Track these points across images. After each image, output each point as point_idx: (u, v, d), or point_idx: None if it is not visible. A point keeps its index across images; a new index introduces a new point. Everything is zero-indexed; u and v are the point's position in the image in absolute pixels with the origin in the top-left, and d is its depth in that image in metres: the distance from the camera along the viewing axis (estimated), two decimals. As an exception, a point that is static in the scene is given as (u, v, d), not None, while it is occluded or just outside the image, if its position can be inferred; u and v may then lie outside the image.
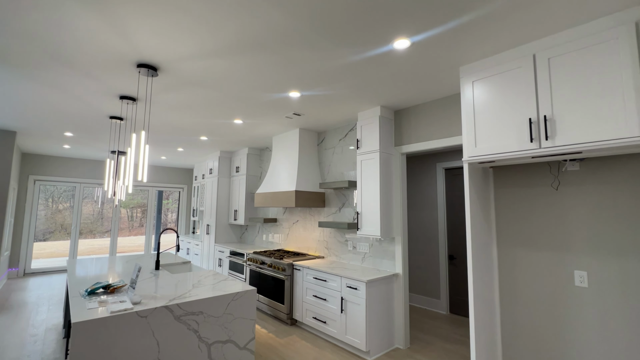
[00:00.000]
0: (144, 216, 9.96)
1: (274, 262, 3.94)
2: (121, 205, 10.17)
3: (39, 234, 7.85)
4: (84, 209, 8.11)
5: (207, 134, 4.55)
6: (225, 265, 5.29)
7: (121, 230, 9.98)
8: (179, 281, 2.66)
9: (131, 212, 10.73)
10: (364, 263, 3.56)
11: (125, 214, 10.56)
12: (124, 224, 10.63)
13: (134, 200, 9.92)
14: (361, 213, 3.30)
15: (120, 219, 9.90)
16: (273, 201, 4.22)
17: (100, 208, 8.20)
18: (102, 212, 9.17)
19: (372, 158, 3.24)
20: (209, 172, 6.18)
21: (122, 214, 10.24)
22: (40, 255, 9.08)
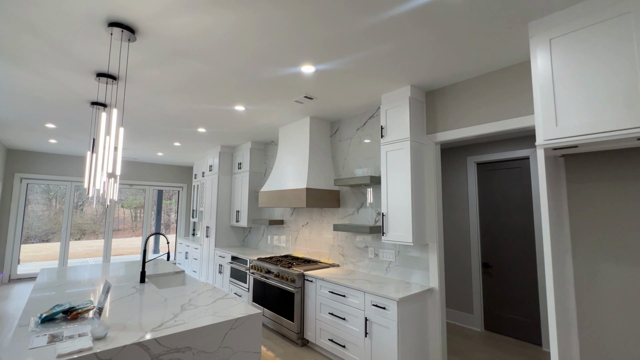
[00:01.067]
0: (157, 217, 9.51)
1: (281, 272, 3.40)
2: (122, 205, 9.73)
3: (42, 235, 7.36)
4: (87, 209, 7.63)
5: (205, 124, 4.01)
6: (226, 272, 4.76)
7: (123, 232, 9.50)
8: (165, 300, 2.13)
9: (135, 213, 10.26)
10: (389, 274, 3.00)
11: (130, 214, 10.10)
12: (127, 224, 10.17)
13: (137, 200, 9.42)
14: (387, 214, 2.74)
15: (124, 219, 9.44)
16: (279, 200, 3.68)
17: (96, 208, 7.72)
18: (106, 211, 8.72)
19: (401, 148, 2.68)
20: (209, 170, 5.65)
21: (126, 214, 9.73)
22: (35, 258, 8.61)
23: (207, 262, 5.39)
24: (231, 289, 4.57)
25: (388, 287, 2.62)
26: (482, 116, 2.44)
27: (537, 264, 3.28)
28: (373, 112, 3.31)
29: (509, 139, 3.60)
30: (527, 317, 3.35)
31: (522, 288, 3.41)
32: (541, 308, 3.22)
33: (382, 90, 2.84)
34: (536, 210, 3.32)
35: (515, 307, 3.44)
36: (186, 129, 4.27)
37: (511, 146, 3.57)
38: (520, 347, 3.25)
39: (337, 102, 3.16)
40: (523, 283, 3.40)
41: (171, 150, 5.83)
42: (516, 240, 3.48)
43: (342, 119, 3.69)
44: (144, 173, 7.37)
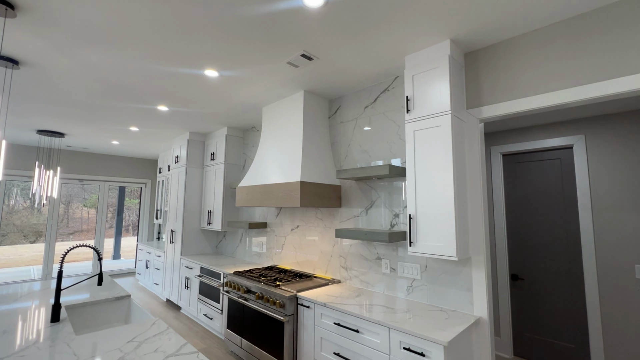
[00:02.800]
0: (114, 217, 8.24)
1: (265, 292, 2.57)
2: (85, 204, 8.42)
3: None
4: (45, 208, 6.35)
5: (166, 99, 3.10)
6: (194, 287, 3.85)
7: (87, 233, 8.17)
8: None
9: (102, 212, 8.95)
10: (412, 295, 2.26)
11: (94, 214, 8.79)
12: (92, 224, 8.86)
13: None
14: (416, 217, 2.00)
15: (87, 219, 8.11)
16: (263, 198, 2.85)
17: (38, 206, 6.46)
18: (68, 212, 7.46)
19: (437, 126, 1.94)
20: (175, 162, 4.69)
21: (90, 214, 8.40)
22: None
23: (171, 272, 4.44)
24: (200, 308, 3.67)
25: (420, 318, 1.87)
26: (564, 78, 1.73)
27: (585, 276, 2.67)
28: (388, 83, 2.56)
29: (544, 125, 2.98)
30: (571, 342, 2.73)
31: (563, 305, 2.79)
32: (591, 332, 2.61)
33: (406, 49, 2.09)
34: (583, 211, 2.70)
35: (555, 328, 2.82)
36: (140, 106, 3.32)
37: (547, 133, 2.95)
38: (565, 380, 2.62)
39: (342, 68, 2.37)
40: (565, 299, 2.78)
41: (128, 137, 4.81)
42: (555, 247, 2.86)
43: (345, 94, 2.91)
44: (98, 166, 6.24)
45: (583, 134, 2.75)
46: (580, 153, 2.75)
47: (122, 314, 2.20)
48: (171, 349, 1.40)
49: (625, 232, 2.50)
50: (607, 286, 2.55)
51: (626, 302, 2.46)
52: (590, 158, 2.70)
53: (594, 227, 2.64)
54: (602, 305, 2.57)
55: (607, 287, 2.55)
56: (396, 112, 2.48)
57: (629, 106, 2.49)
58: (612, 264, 2.54)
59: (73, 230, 8.04)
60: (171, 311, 4.24)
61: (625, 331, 2.45)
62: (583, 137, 2.74)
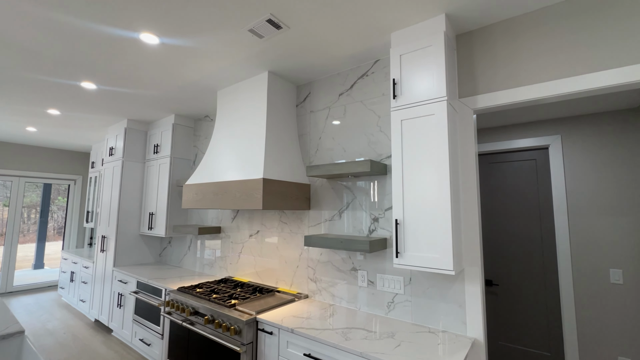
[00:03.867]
0: (41, 220, 6.89)
1: (217, 315, 2.08)
2: (5, 203, 6.96)
3: None
4: None
5: (92, 71, 2.46)
6: (128, 306, 3.19)
7: (2, 237, 6.69)
8: None
9: (27, 213, 7.46)
10: (393, 312, 1.94)
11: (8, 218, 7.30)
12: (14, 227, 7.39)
13: (28, 197, 6.73)
14: (403, 222, 1.68)
15: (6, 221, 6.66)
16: (217, 199, 2.36)
17: None
18: None
19: (431, 114, 1.64)
20: (109, 154, 3.94)
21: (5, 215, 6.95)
22: None
23: (100, 286, 3.69)
24: (136, 332, 3.04)
25: (410, 345, 1.55)
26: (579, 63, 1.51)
27: (560, 281, 2.58)
28: (367, 67, 2.23)
29: (519, 124, 2.87)
30: (546, 349, 2.63)
31: (538, 311, 2.68)
32: (565, 339, 2.52)
33: (393, 24, 1.77)
34: (558, 213, 2.62)
35: (529, 336, 2.71)
36: (58, 80, 2.62)
37: (522, 133, 2.85)
38: (541, 391, 2.50)
39: (316, 43, 1.99)
40: (540, 305, 2.68)
41: (48, 123, 3.94)
42: (530, 251, 2.75)
43: (316, 79, 2.53)
44: (10, 158, 5.14)
45: (559, 134, 2.67)
46: (556, 154, 2.67)
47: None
48: None
49: (600, 235, 2.44)
50: (583, 291, 2.48)
51: (601, 307, 2.40)
52: (566, 159, 2.63)
53: (569, 230, 2.56)
54: (578, 310, 2.49)
55: (582, 292, 2.48)
56: (376, 101, 2.15)
57: (606, 107, 2.43)
58: (588, 268, 2.47)
59: (-13, 234, 6.66)
60: (99, 335, 3.51)
61: (601, 336, 2.39)
62: (559, 137, 2.66)
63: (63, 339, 3.39)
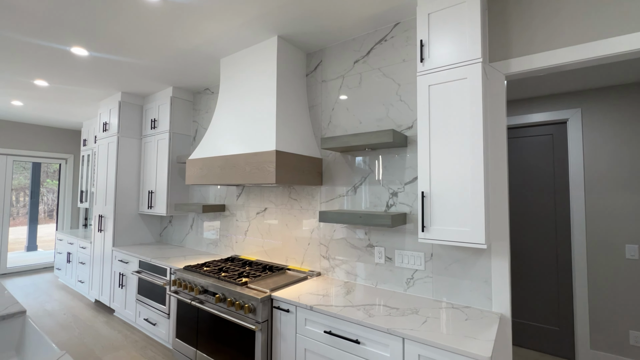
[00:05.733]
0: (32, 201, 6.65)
1: (228, 293, 2.00)
2: None
3: None
4: None
5: (83, 34, 2.24)
6: (130, 286, 3.10)
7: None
8: None
9: (15, 195, 7.17)
10: (413, 289, 1.88)
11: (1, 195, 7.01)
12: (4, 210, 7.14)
13: (16, 179, 6.44)
14: (429, 196, 1.58)
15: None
16: (224, 174, 2.23)
17: None
18: None
19: (463, 78, 1.52)
20: (103, 129, 3.73)
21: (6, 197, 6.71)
22: None
23: (100, 267, 3.59)
24: (139, 311, 2.96)
25: (436, 321, 1.49)
26: (630, 19, 1.39)
27: (574, 257, 2.55)
28: (385, 32, 2.07)
29: (537, 98, 2.76)
30: (555, 325, 2.64)
31: (548, 287, 2.68)
32: (576, 314, 2.52)
33: (423, -22, 1.61)
34: (574, 189, 2.56)
35: (538, 311, 2.71)
36: (45, 43, 2.40)
37: (540, 106, 2.74)
38: (550, 364, 2.53)
39: (331, 1, 1.81)
40: (550, 281, 2.67)
41: (35, 96, 3.70)
42: (543, 226, 2.71)
43: (328, 46, 2.36)
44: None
45: (579, 108, 2.57)
46: (575, 128, 2.58)
47: (11, 341, 1.48)
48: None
49: (617, 211, 2.40)
50: (597, 266, 2.46)
51: (615, 282, 2.39)
52: (586, 133, 2.54)
53: (585, 206, 2.51)
54: (591, 285, 2.48)
55: (596, 268, 2.46)
56: (396, 68, 2.01)
57: (630, 78, 2.33)
58: (603, 244, 2.44)
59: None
60: (101, 315, 3.43)
61: (613, 311, 2.39)
62: (579, 111, 2.57)
63: (63, 320, 3.31)
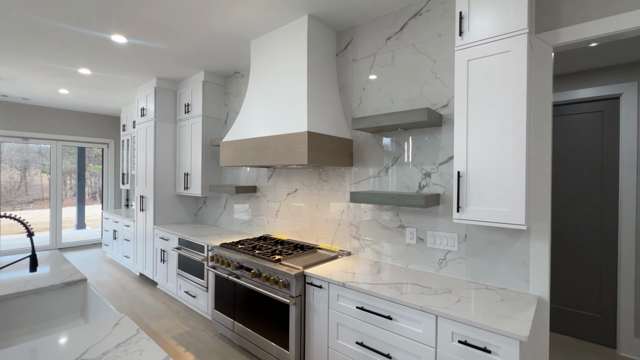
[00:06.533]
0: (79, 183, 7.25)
1: (263, 269, 2.10)
2: (43, 170, 7.34)
3: None
4: (3, 174, 5.28)
5: (122, 21, 2.33)
6: (171, 261, 3.32)
7: (48, 201, 7.14)
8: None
9: (63, 179, 7.87)
10: (445, 270, 1.88)
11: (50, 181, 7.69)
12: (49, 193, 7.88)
13: (63, 163, 7.03)
14: (466, 175, 1.55)
15: (49, 187, 7.07)
16: (256, 155, 2.29)
17: None
18: (26, 178, 6.53)
19: (506, 51, 1.43)
20: (141, 115, 3.92)
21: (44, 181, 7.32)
22: None
23: (143, 244, 3.86)
24: (180, 285, 3.19)
25: (470, 301, 1.48)
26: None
27: (620, 241, 2.41)
28: (420, 5, 1.98)
29: (584, 72, 2.55)
30: (594, 312, 2.54)
31: (590, 273, 2.56)
32: (620, 301, 2.40)
33: (464, -56, 1.51)
34: (625, 169, 2.38)
35: (578, 297, 2.61)
36: (89, 32, 2.53)
37: (589, 81, 2.53)
38: (588, 351, 2.45)
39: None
40: (592, 266, 2.55)
41: (79, 84, 3.93)
42: (589, 211, 2.57)
43: (359, 24, 2.29)
44: (47, 122, 5.27)
45: (635, 81, 2.35)
46: (629, 103, 2.37)
47: (76, 305, 1.66)
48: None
49: (673, 194, 2.21)
50: (646, 253, 2.31)
51: (666, 270, 2.23)
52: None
53: (637, 188, 2.34)
54: (638, 271, 2.34)
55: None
56: (432, 43, 1.93)
57: (699, 45, 2.08)
58: (655, 229, 2.28)
59: (33, 198, 7.12)
60: (146, 287, 3.73)
61: (662, 300, 2.25)
62: (635, 85, 2.35)
63: (113, 290, 3.63)
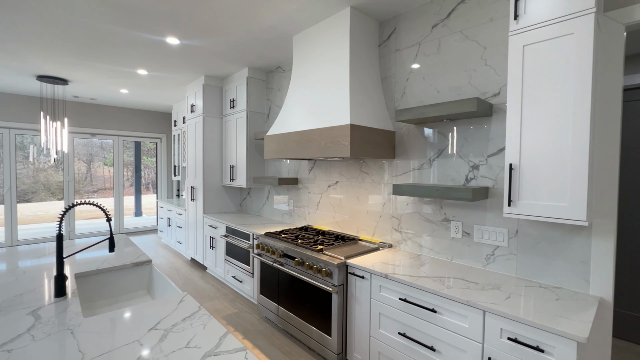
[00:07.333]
0: (133, 175, 8.04)
1: (306, 258, 2.18)
2: (105, 162, 8.23)
3: (20, 194, 5.86)
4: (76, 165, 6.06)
5: (176, 24, 2.51)
6: (219, 248, 3.56)
7: (109, 191, 8.01)
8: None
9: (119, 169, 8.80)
10: (492, 265, 1.81)
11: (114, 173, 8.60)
12: (112, 183, 8.85)
13: None
14: (519, 167, 1.47)
15: (110, 178, 7.91)
16: (299, 148, 2.36)
17: (35, 164, 6.14)
18: (90, 170, 7.47)
19: (569, 33, 1.33)
20: (191, 111, 4.19)
21: (111, 172, 8.20)
22: None
23: (194, 231, 4.17)
24: (227, 270, 3.41)
25: (521, 298, 1.43)
26: None
27: (702, 244, 2.14)
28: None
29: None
30: (667, 319, 2.30)
31: (662, 277, 2.31)
32: (700, 309, 2.14)
33: None
34: None
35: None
36: (147, 36, 2.75)
37: (669, 62, 2.24)
38: (658, 361, 2.23)
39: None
40: (665, 270, 2.30)
41: (137, 83, 4.29)
42: (661, 208, 2.31)
43: (403, 12, 2.24)
44: (109, 120, 5.83)
45: None
46: None
47: (143, 282, 1.86)
48: (208, 344, 1.01)
49: None
50: None
51: None
52: None
53: None
54: None
55: None
56: (482, 29, 1.83)
57: None
58: None
59: (97, 188, 8.00)
60: (197, 271, 4.04)
61: None
62: None
63: (169, 272, 3.98)
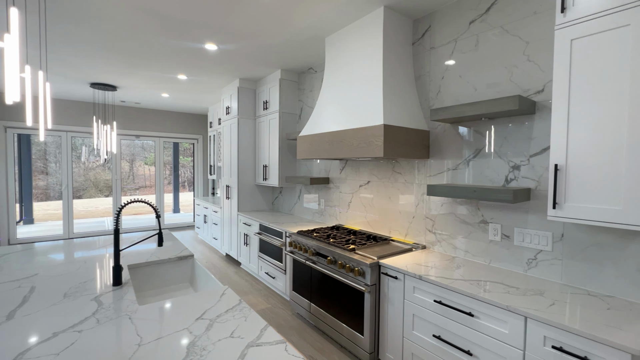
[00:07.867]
0: (171, 173, 8.55)
1: (339, 257, 2.21)
2: (146, 162, 8.84)
3: (73, 192, 6.54)
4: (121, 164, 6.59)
5: (213, 31, 2.63)
6: (253, 244, 3.69)
7: (150, 188, 8.58)
8: (138, 348, 0.98)
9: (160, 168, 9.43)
10: (534, 270, 1.73)
11: (154, 171, 9.21)
12: (153, 181, 9.50)
13: None
14: (565, 168, 1.40)
15: (150, 176, 8.49)
16: (332, 149, 2.39)
17: (86, 163, 6.67)
18: (133, 169, 8.09)
19: (624, 25, 1.24)
20: (226, 113, 4.37)
21: (151, 171, 8.79)
22: (46, 218, 7.89)
23: (229, 228, 4.35)
24: (261, 266, 3.52)
25: (566, 306, 1.36)
26: None
27: None
28: (511, -18, 1.81)
29: None
30: None
31: None
32: None
33: None
34: None
35: None
36: (187, 44, 2.91)
37: None
38: None
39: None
40: None
41: (177, 88, 4.55)
42: None
43: (438, 9, 2.19)
44: (151, 122, 6.22)
45: None
46: None
47: (186, 275, 1.99)
48: (250, 334, 1.08)
49: None
50: None
51: None
52: None
53: None
54: None
55: None
56: (524, 23, 1.75)
57: None
58: None
59: (138, 185, 8.60)
60: (231, 266, 4.21)
61: None
62: None
63: (206, 266, 4.19)
